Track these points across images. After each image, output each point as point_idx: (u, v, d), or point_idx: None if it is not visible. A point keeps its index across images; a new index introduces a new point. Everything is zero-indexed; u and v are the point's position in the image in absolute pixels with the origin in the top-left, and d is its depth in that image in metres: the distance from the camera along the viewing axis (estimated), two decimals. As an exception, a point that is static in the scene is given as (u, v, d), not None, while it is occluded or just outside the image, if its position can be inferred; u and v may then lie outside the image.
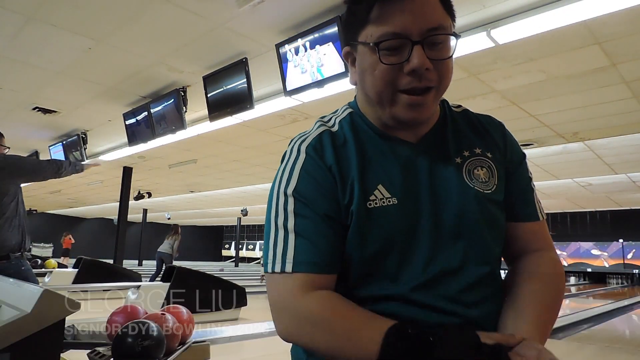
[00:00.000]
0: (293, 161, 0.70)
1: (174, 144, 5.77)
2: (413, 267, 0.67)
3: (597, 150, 5.86)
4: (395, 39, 0.65)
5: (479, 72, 3.58)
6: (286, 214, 0.67)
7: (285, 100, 4.05)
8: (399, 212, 0.68)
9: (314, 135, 0.73)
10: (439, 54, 0.66)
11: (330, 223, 0.67)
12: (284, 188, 0.68)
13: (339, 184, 0.68)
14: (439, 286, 0.67)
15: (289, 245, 0.65)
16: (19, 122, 5.59)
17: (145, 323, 1.35)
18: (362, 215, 0.67)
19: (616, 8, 2.47)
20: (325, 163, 0.69)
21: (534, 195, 0.78)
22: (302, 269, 0.64)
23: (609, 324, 5.60)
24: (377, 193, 0.68)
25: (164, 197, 12.80)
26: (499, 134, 0.78)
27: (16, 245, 2.46)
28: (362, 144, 0.72)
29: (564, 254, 14.53)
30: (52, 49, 3.51)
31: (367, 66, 0.68)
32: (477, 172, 0.73)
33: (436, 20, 0.65)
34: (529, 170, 0.80)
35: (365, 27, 0.68)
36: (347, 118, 0.76)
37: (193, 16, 2.96)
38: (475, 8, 2.73)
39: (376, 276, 0.68)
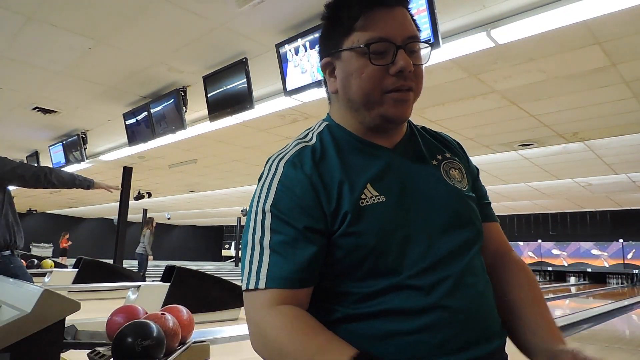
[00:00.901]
0: (271, 177, 0.71)
1: (174, 144, 5.77)
2: (412, 259, 0.69)
3: (597, 150, 5.86)
4: (381, 42, 0.71)
5: (479, 72, 3.58)
6: (263, 231, 0.68)
7: (285, 100, 4.05)
8: (391, 208, 0.70)
9: (293, 151, 0.74)
10: (416, 60, 0.73)
11: (309, 235, 0.67)
12: (262, 204, 0.69)
13: (322, 191, 0.69)
14: (438, 270, 0.69)
15: (264, 261, 0.66)
16: (19, 122, 5.59)
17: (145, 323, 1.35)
18: (355, 213, 0.68)
19: (616, 8, 2.47)
20: (305, 174, 0.70)
21: (490, 201, 0.89)
22: (274, 285, 0.65)
23: (609, 324, 5.59)
24: (366, 192, 0.70)
25: (164, 197, 12.80)
26: (457, 147, 0.88)
27: (3, 244, 2.50)
28: (342, 150, 0.75)
29: (564, 253, 14.53)
30: (52, 49, 3.51)
31: (354, 70, 0.73)
32: (452, 172, 0.79)
33: (412, 30, 0.74)
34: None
35: (350, 35, 0.73)
36: (325, 130, 0.79)
37: (193, 16, 2.96)
38: (476, 8, 2.73)
39: (378, 271, 0.69)
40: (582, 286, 12.88)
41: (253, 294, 0.66)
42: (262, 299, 0.65)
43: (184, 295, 4.39)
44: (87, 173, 8.72)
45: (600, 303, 8.02)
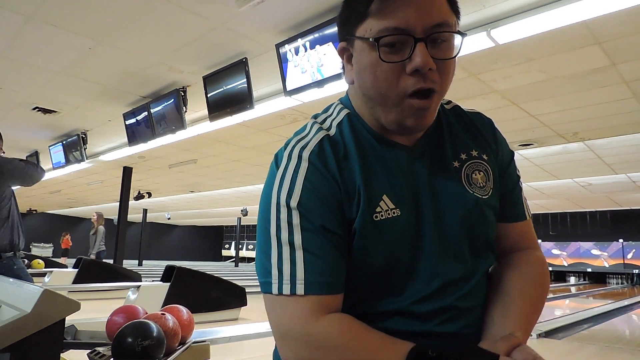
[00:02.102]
0: (294, 169, 0.64)
1: (174, 144, 5.78)
2: (418, 280, 0.65)
3: (597, 150, 5.86)
4: (396, 35, 0.60)
5: (479, 72, 3.58)
6: (291, 228, 0.61)
7: (285, 100, 4.05)
8: (404, 224, 0.65)
9: (315, 141, 0.66)
10: (442, 53, 0.62)
11: (337, 239, 0.62)
12: (285, 199, 0.62)
13: (344, 196, 0.63)
14: (442, 296, 0.65)
15: (298, 263, 0.60)
16: (19, 122, 5.59)
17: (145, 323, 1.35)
18: (368, 228, 0.63)
19: (616, 8, 2.47)
20: (330, 172, 0.64)
21: (521, 195, 0.77)
22: (315, 291, 0.59)
23: (609, 324, 5.59)
24: (382, 204, 0.64)
25: (164, 197, 12.80)
26: (490, 133, 0.76)
27: (8, 245, 2.51)
28: (363, 152, 0.67)
29: (564, 253, 14.53)
30: (52, 49, 3.51)
31: (366, 64, 0.63)
32: (475, 176, 0.71)
33: (441, 16, 0.61)
34: (517, 169, 0.79)
35: (364, 21, 0.62)
36: (345, 120, 0.70)
37: (193, 16, 2.96)
38: (476, 8, 2.73)
39: (381, 292, 0.65)
40: (582, 286, 12.88)
41: (289, 300, 0.59)
42: (304, 308, 0.59)
43: (184, 295, 4.39)
44: (87, 173, 8.73)
45: (600, 303, 8.02)
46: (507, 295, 0.69)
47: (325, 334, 0.58)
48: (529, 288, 0.70)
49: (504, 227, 0.75)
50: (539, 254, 0.77)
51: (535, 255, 0.76)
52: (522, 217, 0.76)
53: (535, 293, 0.71)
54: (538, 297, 0.71)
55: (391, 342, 0.59)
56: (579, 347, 3.98)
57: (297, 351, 0.59)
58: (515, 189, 0.77)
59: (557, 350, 3.86)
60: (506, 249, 0.76)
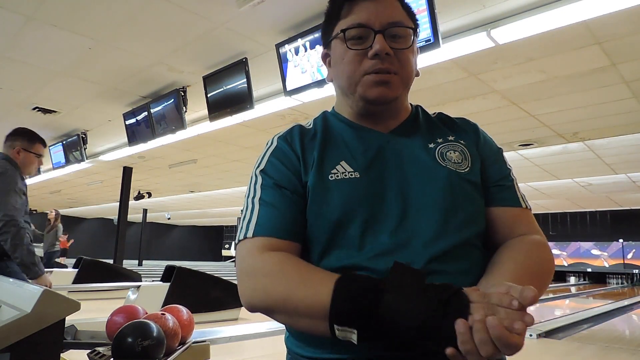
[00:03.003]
0: (266, 148, 0.79)
1: (174, 144, 5.78)
2: (378, 236, 0.68)
3: (597, 150, 5.86)
4: (359, 28, 0.74)
5: (479, 72, 3.58)
6: (255, 190, 0.74)
7: (285, 100, 4.05)
8: (360, 184, 0.71)
9: (287, 129, 0.81)
10: (399, 44, 0.74)
11: (292, 197, 0.72)
12: (255, 169, 0.77)
13: (302, 163, 0.75)
14: (402, 255, 0.66)
15: (254, 213, 0.71)
16: (19, 122, 5.59)
17: (145, 323, 1.35)
18: (321, 186, 0.72)
19: (616, 8, 2.47)
20: (292, 148, 0.77)
21: (514, 185, 0.79)
22: (262, 233, 0.69)
23: (609, 324, 5.60)
24: (339, 167, 0.73)
25: (164, 197, 12.80)
26: (473, 132, 0.82)
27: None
28: (329, 132, 0.79)
29: (564, 253, 14.53)
30: (52, 49, 3.51)
31: (338, 57, 0.77)
32: (449, 154, 0.76)
33: (396, 16, 0.75)
34: (508, 164, 0.82)
35: (337, 24, 0.78)
36: (321, 116, 0.84)
37: (193, 16, 2.96)
38: (476, 8, 2.73)
39: (339, 247, 0.69)
40: (582, 286, 12.88)
41: (242, 242, 0.70)
42: (251, 246, 0.68)
43: (184, 295, 4.39)
44: (87, 173, 8.73)
45: (600, 303, 8.02)
46: (498, 264, 0.68)
47: (264, 263, 0.66)
48: (522, 257, 0.69)
49: (498, 212, 0.76)
50: (537, 237, 0.74)
51: (537, 238, 0.74)
52: (515, 203, 0.77)
53: (530, 262, 0.68)
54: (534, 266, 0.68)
55: (326, 272, 0.64)
56: (578, 347, 3.98)
57: (244, 284, 0.67)
58: (507, 178, 0.79)
59: (557, 350, 3.86)
60: (503, 235, 0.75)
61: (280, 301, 0.63)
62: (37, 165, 2.53)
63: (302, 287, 0.62)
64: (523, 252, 0.70)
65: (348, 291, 0.58)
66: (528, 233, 0.75)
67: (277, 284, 0.64)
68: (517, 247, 0.72)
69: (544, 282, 0.69)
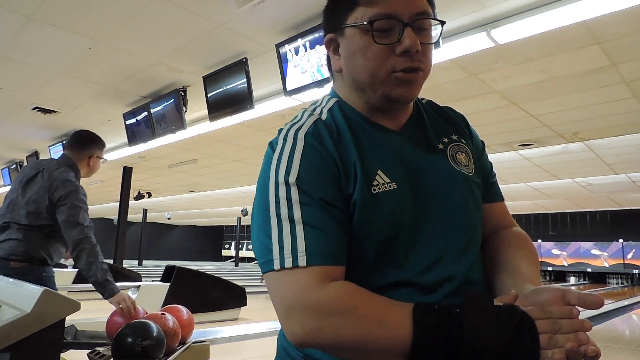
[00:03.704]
0: (290, 148, 0.66)
1: (174, 144, 5.77)
2: (419, 250, 0.67)
3: (597, 150, 5.86)
4: (386, 19, 0.67)
5: (479, 72, 3.58)
6: (290, 204, 0.62)
7: (285, 100, 4.04)
8: (400, 197, 0.67)
9: (309, 123, 0.70)
10: (425, 38, 0.69)
11: (337, 212, 0.63)
12: (283, 177, 0.64)
13: (342, 171, 0.66)
14: (445, 266, 0.67)
15: (298, 237, 0.60)
16: (19, 122, 5.59)
17: (145, 323, 1.35)
18: (367, 201, 0.65)
19: (616, 8, 2.47)
20: (327, 149, 0.67)
21: (495, 178, 0.85)
22: (318, 261, 0.59)
23: (609, 324, 5.60)
24: (378, 178, 0.67)
25: (164, 197, 12.79)
26: (463, 124, 0.83)
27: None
28: (355, 131, 0.71)
29: (564, 253, 14.52)
30: (52, 49, 3.51)
31: (357, 48, 0.69)
32: (459, 156, 0.76)
33: (423, 5, 0.69)
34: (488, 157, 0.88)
35: (354, 10, 0.69)
36: (335, 107, 0.75)
37: (193, 16, 2.96)
38: (476, 8, 2.73)
39: (385, 264, 0.66)
40: (582, 286, 12.88)
41: (291, 273, 0.59)
42: (308, 278, 0.59)
43: (184, 295, 4.39)
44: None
45: (600, 303, 8.00)
46: (508, 262, 0.73)
47: (333, 299, 0.58)
48: (523, 251, 0.75)
49: (487, 207, 0.81)
50: (519, 229, 0.83)
51: (517, 229, 0.83)
52: (500, 198, 0.84)
53: (530, 254, 0.75)
54: (533, 257, 0.76)
55: (395, 303, 0.60)
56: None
57: (305, 322, 0.58)
58: (491, 172, 0.84)
59: (557, 350, 3.85)
60: (492, 227, 0.82)
61: (354, 342, 0.57)
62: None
63: (380, 326, 0.57)
64: (522, 247, 0.76)
65: (429, 326, 0.56)
66: (511, 225, 0.83)
67: (351, 325, 0.57)
68: (515, 241, 0.78)
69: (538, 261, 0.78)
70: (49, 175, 2.09)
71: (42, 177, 2.10)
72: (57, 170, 2.11)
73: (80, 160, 2.24)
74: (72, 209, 2.03)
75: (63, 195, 2.04)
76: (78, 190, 2.10)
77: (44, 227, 2.06)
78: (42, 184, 2.07)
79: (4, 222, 2.09)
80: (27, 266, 2.02)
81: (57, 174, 2.09)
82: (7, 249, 2.02)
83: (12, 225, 2.06)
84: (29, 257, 2.03)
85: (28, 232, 2.05)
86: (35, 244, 2.05)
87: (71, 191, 2.06)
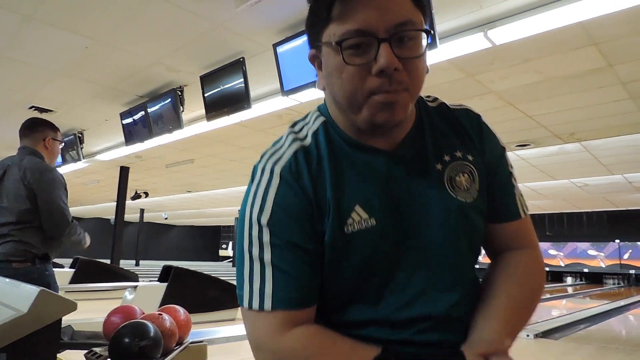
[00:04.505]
0: (266, 185, 0.64)
1: (171, 144, 5.76)
2: (397, 287, 0.65)
3: (593, 151, 5.88)
4: (359, 37, 0.59)
5: (476, 73, 3.59)
6: (261, 245, 0.62)
7: (283, 100, 4.04)
8: (379, 234, 0.63)
9: (288, 154, 0.66)
10: (408, 51, 0.60)
11: (308, 254, 0.63)
12: (256, 215, 0.63)
13: (316, 210, 0.63)
14: (421, 305, 0.64)
15: (267, 279, 0.61)
16: (15, 121, 5.55)
17: (142, 323, 1.35)
18: (338, 241, 0.63)
19: (613, 9, 2.48)
20: (302, 187, 0.64)
21: (514, 192, 0.74)
22: (282, 306, 0.60)
23: (606, 324, 5.62)
24: (354, 215, 0.63)
25: (161, 197, 12.77)
26: (476, 130, 0.74)
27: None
28: (337, 161, 0.66)
29: (561, 254, 14.57)
30: (49, 49, 3.50)
31: (332, 69, 0.63)
32: (458, 179, 0.68)
33: (404, 14, 0.60)
34: (510, 164, 0.75)
35: (328, 26, 0.62)
36: (321, 129, 0.69)
37: (191, 16, 2.95)
38: (473, 9, 2.74)
39: (356, 302, 0.65)
40: (579, 286, 12.93)
41: (258, 315, 0.61)
42: (272, 323, 0.60)
43: (181, 295, 4.38)
44: (84, 172, 8.70)
45: (597, 303, 8.05)
46: (492, 297, 0.67)
47: (290, 349, 0.60)
48: (516, 289, 0.68)
49: (494, 228, 0.73)
50: (532, 253, 0.73)
51: (528, 254, 0.73)
52: (514, 217, 0.73)
53: (523, 294, 0.69)
54: (526, 299, 0.69)
55: (356, 349, 0.61)
56: (575, 348, 3.99)
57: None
58: (507, 186, 0.73)
59: (553, 351, 3.87)
60: (498, 249, 0.74)
61: None
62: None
63: None
64: (517, 282, 0.69)
65: None
66: (525, 247, 0.73)
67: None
68: (512, 273, 0.70)
69: (534, 308, 0.70)
70: (18, 167, 2.12)
71: (11, 172, 2.12)
72: (23, 161, 2.14)
73: (37, 146, 2.26)
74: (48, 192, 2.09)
75: (37, 180, 2.08)
76: (49, 170, 2.15)
77: (34, 220, 2.08)
78: (15, 177, 2.10)
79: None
80: (29, 266, 2.03)
81: (25, 162, 2.13)
82: (6, 250, 2.02)
83: (4, 228, 2.06)
84: (30, 255, 2.04)
85: (22, 230, 2.05)
86: (32, 241, 2.06)
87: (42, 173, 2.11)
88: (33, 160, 2.15)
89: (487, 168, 0.72)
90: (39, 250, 2.07)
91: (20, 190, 2.07)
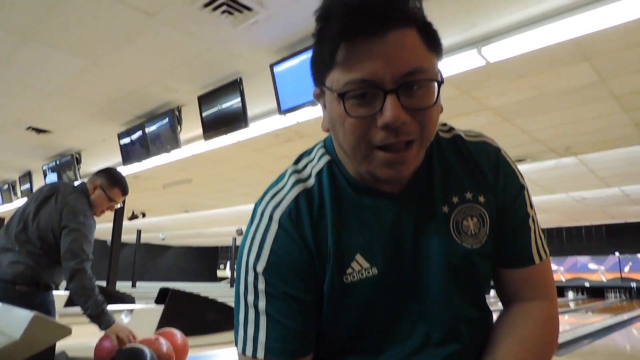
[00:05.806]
0: (264, 231, 0.63)
1: (168, 164, 5.75)
2: (394, 341, 0.63)
3: (589, 164, 5.91)
4: (363, 87, 0.55)
5: (471, 90, 3.62)
6: (256, 292, 0.61)
7: (280, 119, 4.06)
8: (380, 284, 0.62)
9: (289, 199, 0.64)
10: (418, 101, 0.56)
11: (304, 305, 0.61)
12: (253, 262, 0.62)
13: (317, 258, 0.62)
14: (421, 356, 0.63)
15: (261, 327, 0.60)
16: (13, 141, 5.56)
17: (138, 348, 1.31)
18: (337, 292, 0.62)
19: (605, 26, 2.52)
20: (301, 235, 0.62)
21: (530, 235, 0.68)
22: (275, 356, 0.60)
23: (609, 339, 5.55)
24: (354, 265, 0.62)
25: (158, 218, 12.69)
26: (492, 167, 0.68)
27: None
28: (340, 205, 0.64)
29: (561, 268, 14.50)
30: (46, 69, 3.52)
31: (335, 117, 0.59)
32: (466, 223, 0.64)
33: (414, 61, 0.55)
34: (529, 204, 0.70)
35: (332, 71, 0.58)
36: (325, 169, 0.66)
37: (188, 36, 2.99)
38: (466, 27, 2.78)
39: (355, 352, 0.64)
40: (581, 301, 12.81)
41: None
42: None
43: (178, 318, 4.30)
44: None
45: (600, 318, 7.97)
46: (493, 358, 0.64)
47: None
48: (524, 354, 0.62)
49: (504, 273, 0.69)
50: (546, 306, 0.67)
51: (541, 308, 0.67)
52: (526, 262, 0.67)
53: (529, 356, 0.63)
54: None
55: None
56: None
57: None
58: (522, 228, 0.68)
59: (558, 368, 3.80)
60: (509, 297, 0.70)
61: None
62: (106, 210, 2.36)
63: None
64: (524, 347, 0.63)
65: None
66: (537, 298, 0.68)
67: None
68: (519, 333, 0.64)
69: None
70: (62, 198, 2.06)
71: (55, 200, 2.07)
72: (70, 195, 2.09)
73: (89, 188, 2.23)
74: (74, 237, 1.98)
75: (69, 222, 2.00)
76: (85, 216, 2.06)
77: (53, 252, 2.02)
78: (54, 207, 2.04)
79: (11, 244, 2.02)
80: (33, 290, 1.98)
81: (70, 199, 2.07)
82: (14, 272, 1.96)
83: (22, 249, 2.00)
84: (35, 282, 1.99)
85: (39, 257, 2.00)
86: (43, 270, 2.01)
87: (75, 216, 2.02)
88: (76, 202, 2.07)
89: (499, 208, 0.67)
90: (44, 279, 2.01)
91: (54, 222, 2.01)
